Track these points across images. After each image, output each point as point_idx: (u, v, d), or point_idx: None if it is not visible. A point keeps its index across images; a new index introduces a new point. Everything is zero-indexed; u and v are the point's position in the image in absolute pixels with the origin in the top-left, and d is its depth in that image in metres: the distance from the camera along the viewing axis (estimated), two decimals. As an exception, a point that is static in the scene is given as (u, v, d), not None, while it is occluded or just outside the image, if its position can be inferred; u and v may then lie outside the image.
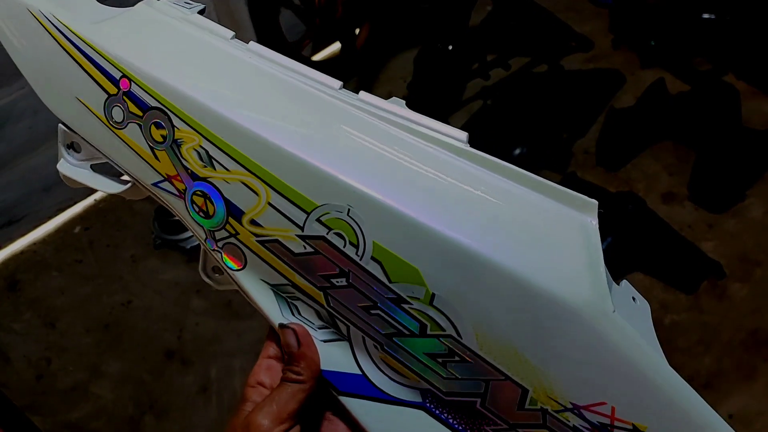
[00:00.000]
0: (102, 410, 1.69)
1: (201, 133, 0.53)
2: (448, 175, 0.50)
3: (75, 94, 0.59)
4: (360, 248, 0.50)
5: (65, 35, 0.58)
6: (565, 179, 2.00)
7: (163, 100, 0.54)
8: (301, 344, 0.54)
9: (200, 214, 0.56)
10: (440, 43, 2.16)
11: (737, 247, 1.85)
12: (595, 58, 2.38)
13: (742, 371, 1.63)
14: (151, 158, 0.56)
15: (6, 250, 2.03)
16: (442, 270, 0.49)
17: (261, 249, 0.54)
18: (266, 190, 0.51)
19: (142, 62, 0.55)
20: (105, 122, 0.58)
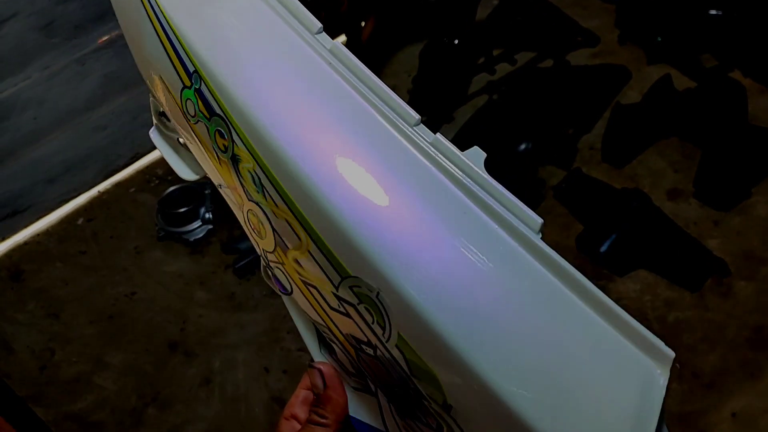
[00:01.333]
0: (105, 401, 1.69)
1: (255, 159, 0.49)
2: (507, 279, 0.44)
3: (158, 72, 0.57)
4: (386, 332, 0.46)
5: (153, 7, 0.54)
6: (571, 175, 2.00)
7: (226, 111, 0.50)
8: (328, 386, 0.53)
9: (254, 233, 0.54)
10: (446, 38, 2.15)
11: (743, 244, 1.84)
12: (601, 54, 2.37)
13: (747, 369, 1.62)
14: (216, 162, 0.54)
15: (10, 241, 2.03)
16: (463, 393, 0.43)
17: (304, 288, 0.51)
18: (307, 240, 0.48)
19: (214, 61, 0.51)
20: (180, 108, 0.55)
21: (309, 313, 0.53)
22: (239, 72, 0.50)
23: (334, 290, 0.48)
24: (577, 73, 2.27)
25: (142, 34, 0.57)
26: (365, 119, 0.48)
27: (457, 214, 0.45)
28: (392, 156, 0.47)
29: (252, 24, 0.52)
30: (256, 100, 0.49)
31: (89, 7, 1.83)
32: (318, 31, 0.51)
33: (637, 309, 1.73)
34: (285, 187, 0.48)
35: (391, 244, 0.45)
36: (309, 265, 0.49)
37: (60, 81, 1.87)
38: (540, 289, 0.43)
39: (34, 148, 1.93)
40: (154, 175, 2.16)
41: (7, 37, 1.72)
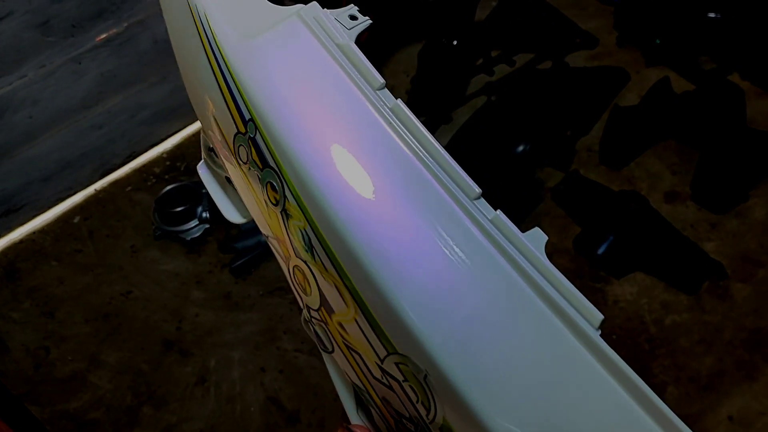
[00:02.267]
0: (100, 400, 1.68)
1: (306, 218, 0.47)
2: (566, 378, 0.42)
3: (213, 112, 0.54)
4: (430, 413, 0.44)
5: (212, 47, 0.52)
6: (568, 177, 2.00)
7: (281, 165, 0.48)
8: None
9: (298, 287, 0.52)
10: (445, 38, 2.15)
11: (740, 247, 1.84)
12: (600, 56, 2.37)
13: (743, 371, 1.62)
14: (265, 212, 0.52)
15: (5, 239, 2.02)
16: None
17: (346, 351, 0.49)
18: (355, 309, 0.46)
19: (272, 112, 0.49)
20: (232, 152, 0.53)
21: (349, 375, 0.51)
22: (297, 126, 0.48)
23: (378, 362, 0.46)
24: (575, 74, 2.27)
25: (199, 73, 0.55)
26: (424, 188, 0.45)
27: (516, 302, 0.43)
28: (451, 233, 0.44)
29: (314, 76, 0.50)
30: (313, 158, 0.47)
31: (86, 6, 1.83)
32: (380, 87, 0.49)
33: (634, 312, 1.73)
34: (336, 252, 0.46)
35: (446, 330, 0.42)
36: (354, 333, 0.47)
37: (56, 79, 1.87)
38: (598, 391, 0.41)
39: (29, 147, 1.92)
40: (150, 173, 2.16)
41: (2, 35, 1.72)
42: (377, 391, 0.49)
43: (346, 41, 0.51)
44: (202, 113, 0.57)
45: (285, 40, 0.51)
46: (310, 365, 1.69)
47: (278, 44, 0.51)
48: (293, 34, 0.51)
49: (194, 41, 0.54)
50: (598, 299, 1.76)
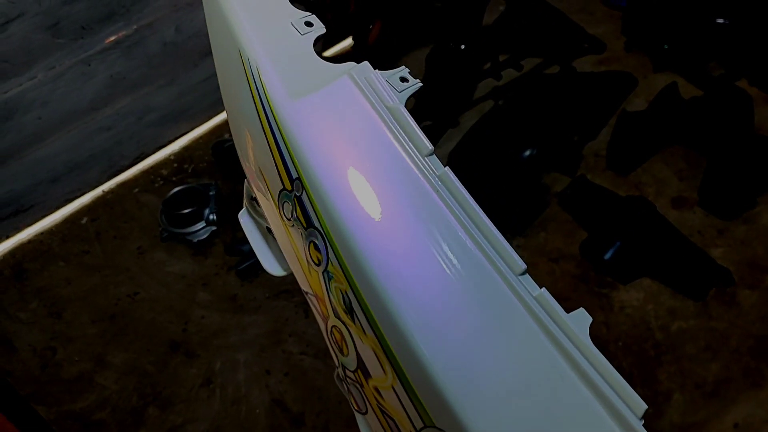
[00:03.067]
0: (106, 401, 1.69)
1: (348, 282, 0.47)
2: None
3: (259, 165, 0.54)
4: None
5: (261, 100, 0.52)
6: (575, 182, 1.99)
7: (326, 227, 0.48)
8: None
9: (335, 347, 0.52)
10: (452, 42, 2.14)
11: (747, 253, 1.84)
12: (608, 61, 2.37)
13: (750, 378, 1.62)
14: (306, 269, 0.52)
15: (13, 240, 2.03)
16: None
17: (381, 415, 0.49)
18: (393, 377, 0.46)
19: (319, 172, 0.48)
20: (276, 207, 0.53)
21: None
22: (345, 189, 0.48)
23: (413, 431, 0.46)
24: (582, 79, 2.27)
25: (247, 124, 0.54)
26: (468, 260, 0.45)
27: (560, 387, 0.42)
28: (496, 310, 0.44)
29: (364, 138, 0.50)
30: (359, 223, 0.46)
31: (96, 8, 1.84)
32: (429, 154, 0.49)
33: (640, 318, 1.72)
34: (378, 320, 0.45)
35: (488, 409, 0.42)
36: (390, 399, 0.47)
37: (65, 81, 1.88)
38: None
39: (38, 148, 1.93)
40: (158, 175, 2.17)
41: (12, 37, 1.73)
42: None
43: (396, 104, 0.51)
44: (246, 161, 0.57)
45: (336, 100, 0.50)
46: (315, 368, 1.69)
47: (329, 104, 0.50)
48: (344, 94, 0.50)
49: (245, 93, 0.53)
50: (604, 305, 1.75)
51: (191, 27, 2.08)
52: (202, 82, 2.20)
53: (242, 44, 0.53)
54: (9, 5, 1.70)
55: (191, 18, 2.06)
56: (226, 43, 0.56)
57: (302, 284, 0.53)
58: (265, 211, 0.56)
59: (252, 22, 0.54)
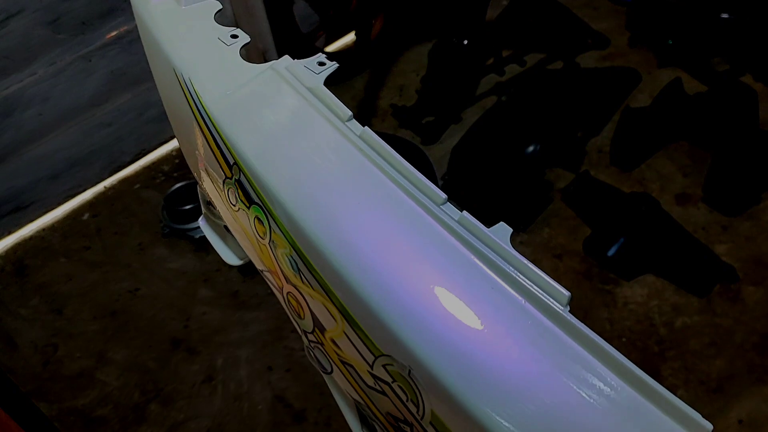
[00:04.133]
0: (108, 397, 1.68)
1: (291, 245, 0.52)
2: (536, 351, 0.44)
3: (203, 162, 0.60)
4: (419, 409, 0.47)
5: (198, 108, 0.58)
6: (579, 178, 1.98)
7: (264, 201, 0.53)
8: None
9: (295, 314, 0.57)
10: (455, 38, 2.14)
11: (751, 250, 1.83)
12: (612, 56, 2.36)
13: (754, 374, 1.61)
14: (257, 247, 0.57)
15: (14, 236, 2.03)
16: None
17: (342, 367, 0.53)
18: (342, 321, 0.50)
19: (254, 156, 0.54)
20: (223, 198, 0.58)
21: (349, 393, 0.54)
22: (273, 160, 0.53)
23: (369, 369, 0.49)
24: (586, 75, 2.26)
25: (190, 133, 0.60)
26: (392, 199, 0.50)
27: (485, 291, 0.46)
28: (422, 236, 0.48)
29: (288, 116, 0.55)
30: (289, 186, 0.51)
31: (96, 3, 1.83)
32: (348, 119, 0.54)
33: (644, 314, 1.71)
34: (317, 268, 0.50)
35: (419, 323, 0.45)
36: (345, 346, 0.51)
37: (66, 77, 1.87)
38: (571, 365, 0.43)
39: (38, 145, 1.93)
40: (159, 171, 2.16)
41: (13, 33, 1.72)
42: (374, 401, 0.51)
43: (315, 84, 0.56)
44: (195, 168, 0.62)
45: (261, 90, 0.57)
46: (317, 365, 1.69)
47: (256, 94, 0.56)
48: (268, 83, 0.57)
49: (183, 105, 0.59)
50: (608, 301, 1.75)
51: (192, 22, 2.07)
52: (203, 78, 2.19)
53: (175, 63, 0.59)
54: (9, 1, 1.69)
55: (192, 13, 2.05)
56: (163, 67, 0.61)
57: (257, 264, 0.59)
58: (219, 208, 0.61)
59: (182, 43, 0.61)
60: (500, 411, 0.42)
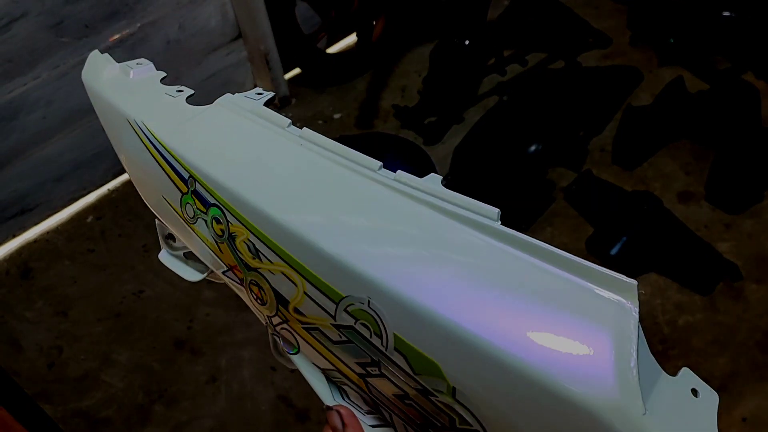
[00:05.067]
0: (112, 398, 1.69)
1: (248, 228, 0.56)
2: (473, 259, 0.48)
3: (161, 193, 0.64)
4: (383, 339, 0.49)
5: (151, 141, 0.63)
6: (581, 177, 1.99)
7: (219, 197, 0.58)
8: (346, 425, 0.54)
9: (258, 301, 0.59)
10: (457, 38, 2.14)
11: (754, 247, 1.83)
12: (613, 55, 2.36)
13: (758, 372, 1.61)
14: (217, 250, 0.60)
15: (19, 239, 2.04)
16: (461, 365, 0.46)
17: (308, 336, 0.55)
18: (301, 281, 0.53)
19: (205, 163, 0.60)
20: (182, 217, 0.62)
21: (317, 362, 0.57)
22: (222, 162, 0.59)
23: (332, 321, 0.52)
24: (588, 74, 2.26)
25: (148, 170, 0.65)
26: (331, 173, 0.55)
27: (420, 223, 0.50)
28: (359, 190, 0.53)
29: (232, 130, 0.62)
30: (241, 178, 0.57)
31: (99, 6, 1.84)
32: (288, 125, 0.60)
33: (647, 312, 1.72)
34: (274, 239, 0.54)
35: (371, 255, 0.49)
36: (308, 307, 0.53)
37: (69, 80, 1.88)
38: (506, 259, 0.47)
39: (42, 147, 1.93)
40: (163, 173, 2.17)
41: (16, 36, 1.73)
42: (341, 358, 0.53)
43: (256, 106, 0.62)
44: (156, 205, 0.67)
45: (209, 118, 0.63)
46: (321, 365, 1.69)
47: (204, 121, 0.63)
48: (214, 113, 0.63)
49: (138, 145, 0.65)
50: (611, 300, 1.75)
51: (194, 25, 2.08)
52: (206, 80, 2.20)
53: (128, 114, 0.65)
54: (12, 5, 1.70)
55: (194, 15, 2.06)
56: (118, 124, 0.68)
57: (219, 268, 0.61)
58: (180, 232, 0.65)
59: (133, 98, 0.68)
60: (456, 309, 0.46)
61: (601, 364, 0.42)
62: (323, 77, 2.40)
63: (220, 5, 2.10)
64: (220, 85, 2.24)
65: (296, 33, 2.24)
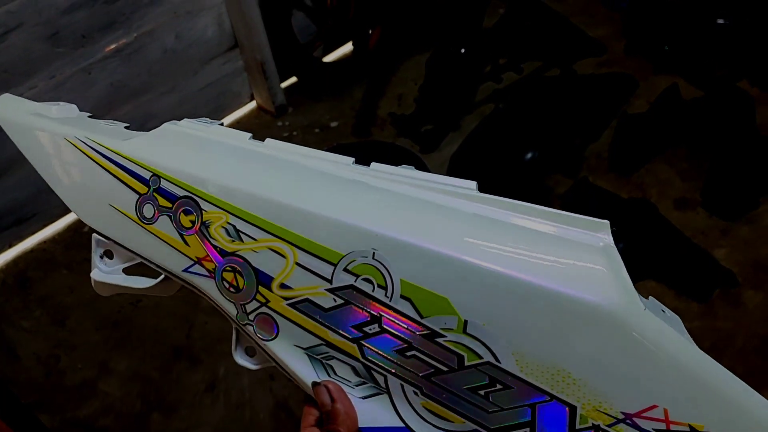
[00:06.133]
0: (110, 407, 1.69)
1: (228, 210, 0.57)
2: (463, 216, 0.52)
3: (108, 201, 0.64)
4: (389, 289, 0.51)
5: (98, 151, 0.64)
6: (577, 184, 1.99)
7: (190, 187, 0.59)
8: (335, 400, 0.54)
9: (230, 290, 0.58)
10: (453, 46, 2.15)
11: (751, 254, 1.83)
12: (608, 63, 2.37)
13: (756, 378, 1.60)
14: (181, 245, 0.60)
15: (16, 248, 2.04)
16: (471, 295, 0.49)
17: (292, 312, 0.55)
18: (293, 251, 0.54)
19: (170, 161, 0.61)
20: (137, 221, 0.62)
21: (300, 341, 0.56)
22: (191, 159, 0.61)
23: (328, 286, 0.53)
24: (583, 82, 2.27)
25: (91, 182, 0.65)
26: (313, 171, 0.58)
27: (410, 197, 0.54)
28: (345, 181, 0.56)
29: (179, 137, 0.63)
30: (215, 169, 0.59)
31: (96, 16, 1.84)
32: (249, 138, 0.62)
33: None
34: (261, 215, 0.55)
35: (370, 215, 0.52)
36: (298, 279, 0.54)
37: (66, 90, 1.88)
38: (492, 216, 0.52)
39: (41, 156, 1.94)
40: (160, 182, 2.17)
41: (12, 47, 1.73)
42: (334, 325, 0.54)
43: (212, 127, 0.64)
44: (100, 215, 0.66)
45: (161, 133, 0.64)
46: (318, 373, 1.69)
47: (156, 135, 0.64)
48: (167, 130, 0.64)
49: (83, 161, 0.65)
50: (608, 306, 1.75)
51: (191, 34, 2.08)
52: (202, 89, 2.21)
53: (67, 133, 0.65)
54: (8, 15, 1.70)
55: (191, 25, 2.07)
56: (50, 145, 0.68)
57: (182, 264, 0.60)
58: (128, 241, 0.65)
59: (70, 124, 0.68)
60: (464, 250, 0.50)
61: (603, 278, 0.47)
62: (320, 86, 2.41)
63: (217, 15, 2.11)
64: (216, 95, 2.25)
65: (292, 42, 2.25)
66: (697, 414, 0.47)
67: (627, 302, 0.47)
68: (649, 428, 0.47)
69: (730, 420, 0.48)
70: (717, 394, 0.47)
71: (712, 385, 0.47)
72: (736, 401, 0.48)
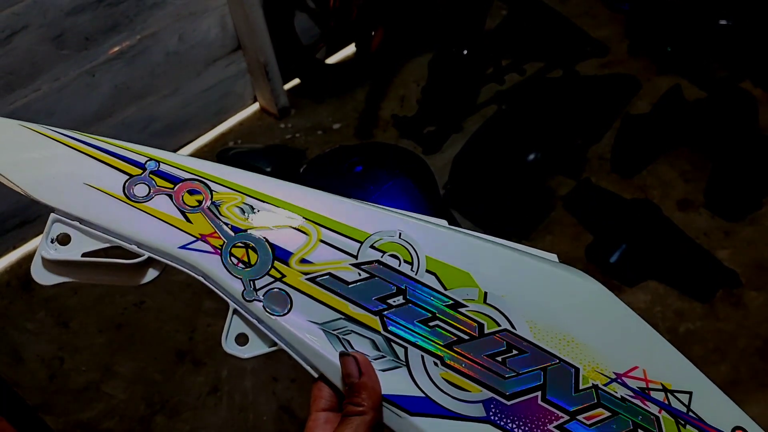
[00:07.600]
0: (114, 410, 1.69)
1: (244, 192, 0.60)
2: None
3: (83, 180, 0.62)
4: (415, 264, 0.57)
5: (79, 140, 0.64)
6: (580, 185, 1.99)
7: (200, 173, 0.61)
8: (363, 373, 0.53)
9: (239, 266, 0.58)
10: (455, 47, 2.15)
11: (754, 255, 1.83)
12: (611, 64, 2.37)
13: (758, 379, 1.61)
14: (182, 222, 0.60)
15: (20, 250, 2.04)
16: (491, 270, 0.57)
17: (310, 287, 0.57)
18: (317, 230, 0.58)
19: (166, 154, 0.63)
20: (122, 199, 0.61)
21: (317, 317, 0.57)
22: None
23: (353, 261, 0.57)
24: (586, 82, 2.27)
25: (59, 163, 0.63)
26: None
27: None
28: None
29: None
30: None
31: (100, 19, 1.85)
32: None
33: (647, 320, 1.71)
34: (290, 201, 0.60)
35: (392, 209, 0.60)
36: (322, 254, 0.58)
37: (70, 92, 1.89)
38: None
39: (44, 158, 1.94)
40: (163, 184, 2.17)
41: (17, 49, 1.74)
42: (355, 299, 0.57)
43: None
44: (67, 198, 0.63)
45: None
46: (322, 375, 1.69)
47: None
48: None
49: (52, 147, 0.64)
50: (611, 308, 1.75)
51: (194, 36, 2.09)
52: (205, 91, 2.21)
53: (38, 129, 0.65)
54: (14, 17, 1.71)
55: (194, 27, 2.07)
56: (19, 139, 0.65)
57: (179, 242, 0.59)
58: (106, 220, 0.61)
59: None
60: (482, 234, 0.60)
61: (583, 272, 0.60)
62: (322, 88, 2.41)
63: (220, 17, 2.11)
64: (219, 97, 2.25)
65: (295, 44, 2.25)
66: (666, 374, 0.58)
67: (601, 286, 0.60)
68: (634, 386, 0.56)
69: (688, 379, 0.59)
70: (676, 356, 0.59)
71: (670, 349, 0.59)
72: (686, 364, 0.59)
